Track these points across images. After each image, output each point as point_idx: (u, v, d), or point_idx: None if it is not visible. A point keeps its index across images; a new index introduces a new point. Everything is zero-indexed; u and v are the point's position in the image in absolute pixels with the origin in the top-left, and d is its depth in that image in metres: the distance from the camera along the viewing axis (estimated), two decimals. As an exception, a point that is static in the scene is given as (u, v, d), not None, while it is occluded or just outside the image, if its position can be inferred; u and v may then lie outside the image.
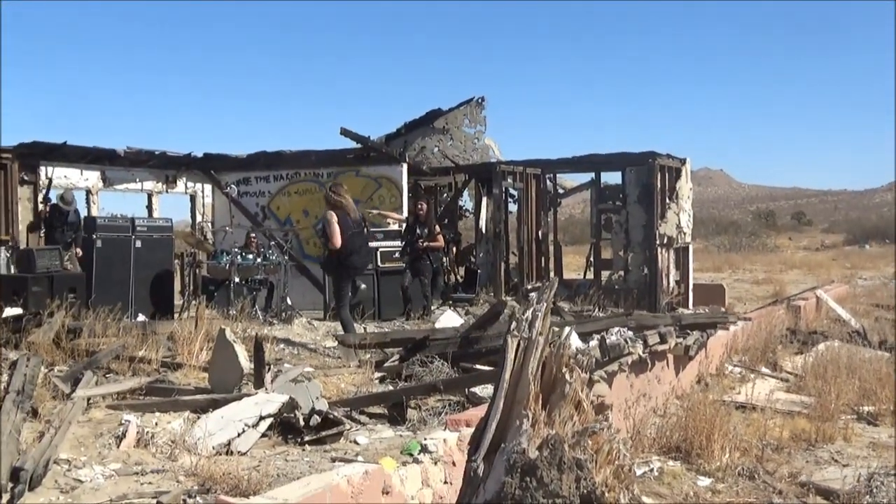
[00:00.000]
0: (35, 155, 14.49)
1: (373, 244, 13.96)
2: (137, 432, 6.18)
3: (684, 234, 17.38)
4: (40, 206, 13.66)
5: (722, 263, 32.84)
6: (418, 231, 14.26)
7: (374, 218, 16.07)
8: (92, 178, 15.59)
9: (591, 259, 18.39)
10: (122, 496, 5.03)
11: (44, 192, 14.43)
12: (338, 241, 10.79)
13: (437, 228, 14.73)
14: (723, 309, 16.04)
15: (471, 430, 4.27)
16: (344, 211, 10.99)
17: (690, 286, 17.78)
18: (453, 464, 5.60)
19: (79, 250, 13.35)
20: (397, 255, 14.42)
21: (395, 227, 15.14)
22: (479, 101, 21.46)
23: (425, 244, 14.17)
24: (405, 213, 15.56)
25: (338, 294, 11.22)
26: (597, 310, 15.14)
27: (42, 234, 14.10)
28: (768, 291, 21.86)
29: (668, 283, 16.81)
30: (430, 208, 14.60)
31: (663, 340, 9.45)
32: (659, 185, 16.43)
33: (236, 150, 23.06)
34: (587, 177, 18.46)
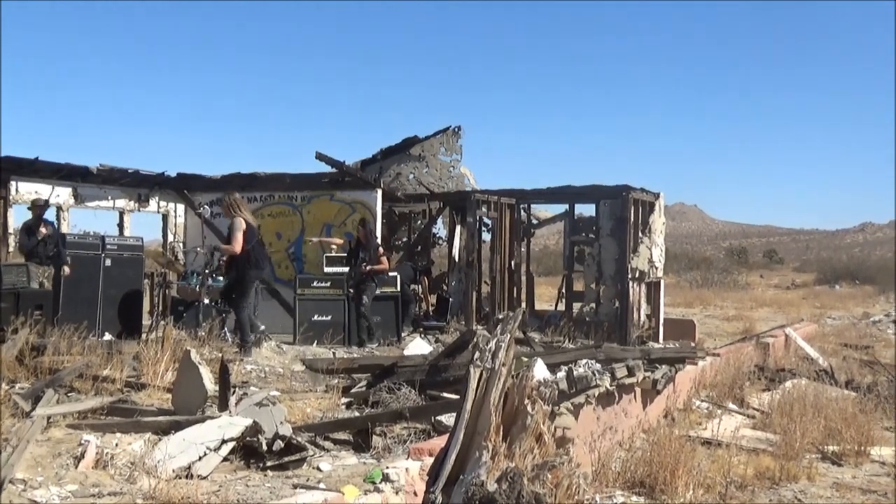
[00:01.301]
0: (6, 170, 14.35)
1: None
2: (97, 453, 6.09)
3: (656, 268, 17.45)
4: (42, 231, 13.30)
5: (693, 299, 32.95)
6: (361, 255, 14.17)
7: (313, 246, 16.09)
8: (63, 194, 15.46)
9: (564, 290, 18.41)
10: (77, 518, 4.95)
11: (39, 212, 13.96)
12: (239, 247, 11.52)
13: (381, 251, 14.63)
14: (693, 344, 16.07)
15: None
16: (245, 220, 11.68)
17: (661, 320, 17.83)
18: (415, 493, 5.55)
19: (66, 268, 12.97)
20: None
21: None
22: (456, 129, 21.52)
23: (369, 268, 14.08)
24: (379, 239, 15.51)
25: (245, 299, 11.79)
26: (567, 341, 15.15)
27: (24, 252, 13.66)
28: (738, 328, 21.92)
29: (639, 317, 16.85)
30: (369, 231, 14.48)
31: (631, 374, 9.42)
32: (632, 219, 16.50)
33: (210, 170, 23.00)
34: (561, 208, 18.52)
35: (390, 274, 15.16)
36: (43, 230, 13.40)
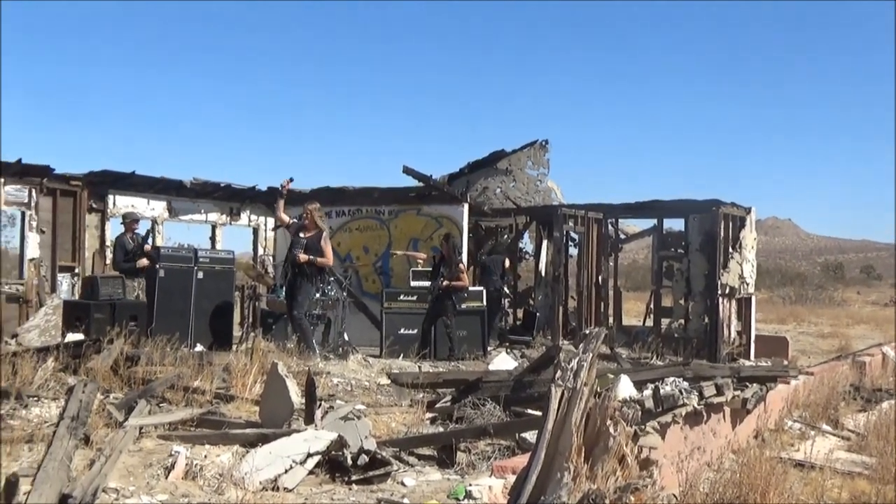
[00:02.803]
0: (104, 183, 14.84)
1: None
2: (186, 464, 6.20)
3: (747, 284, 17.12)
4: (131, 243, 13.70)
5: (787, 315, 32.24)
6: (442, 270, 14.16)
7: (399, 259, 16.13)
8: (158, 207, 15.87)
9: (652, 306, 18.17)
10: (167, 528, 5.05)
11: (143, 234, 14.40)
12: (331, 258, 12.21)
13: (462, 267, 14.55)
14: (785, 362, 15.72)
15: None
16: None
17: (752, 337, 17.47)
18: (498, 511, 5.53)
19: (145, 260, 13.44)
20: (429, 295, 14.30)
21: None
22: (543, 143, 21.48)
23: (445, 283, 14.05)
24: (465, 255, 15.53)
25: (305, 301, 12.17)
26: (655, 358, 14.95)
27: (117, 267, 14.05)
28: (833, 346, 21.38)
29: (729, 334, 16.54)
30: (452, 246, 14.37)
31: (720, 392, 9.25)
32: (722, 234, 16.22)
33: (299, 184, 23.36)
34: (650, 223, 18.33)
35: (474, 288, 15.15)
36: (130, 241, 13.79)
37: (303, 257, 12.01)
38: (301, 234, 12.35)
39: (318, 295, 13.14)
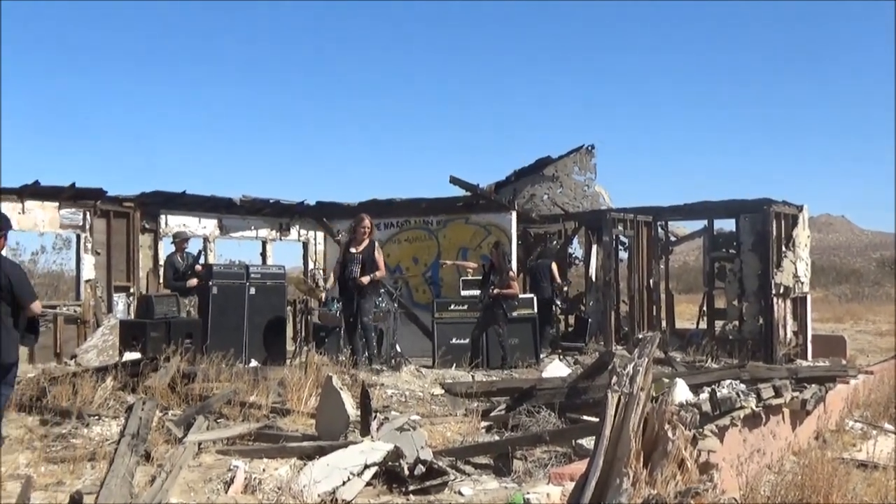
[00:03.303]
0: (156, 204, 15.05)
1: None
2: (245, 478, 6.27)
3: (802, 283, 16.89)
4: (198, 267, 13.95)
5: (843, 314, 31.72)
6: (492, 278, 14.11)
7: (448, 269, 16.14)
8: (209, 225, 16.06)
9: (705, 308, 17.99)
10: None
11: (196, 253, 14.74)
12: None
13: (512, 275, 14.46)
14: (844, 361, 15.49)
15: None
16: None
17: (809, 337, 17.23)
18: (557, 518, 5.51)
19: (199, 266, 13.85)
20: (479, 303, 14.27)
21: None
22: (589, 148, 21.40)
23: (496, 291, 14.00)
24: (514, 262, 15.52)
25: (371, 308, 12.63)
26: (710, 360, 14.81)
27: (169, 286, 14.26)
28: (892, 344, 20.99)
29: (785, 334, 16.33)
30: (502, 254, 14.31)
31: (778, 394, 9.16)
32: (774, 233, 16.03)
33: (347, 197, 23.51)
34: (700, 224, 18.17)
35: (525, 295, 15.12)
36: (181, 260, 14.01)
37: (364, 280, 12.35)
38: (352, 249, 12.44)
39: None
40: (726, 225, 17.31)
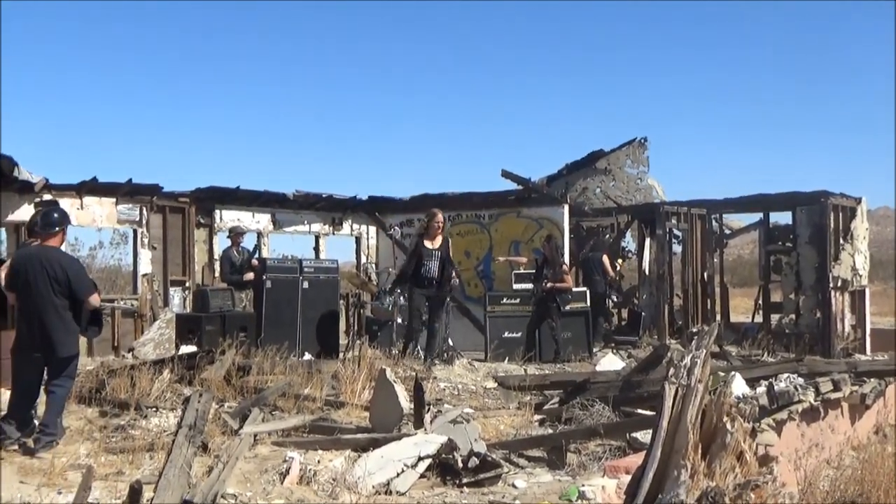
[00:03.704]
0: (210, 199, 15.21)
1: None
2: (300, 469, 6.31)
3: (860, 276, 16.62)
4: (254, 261, 14.11)
5: (903, 307, 31.09)
6: (545, 271, 14.05)
7: (500, 265, 16.11)
8: (263, 220, 16.19)
9: (760, 302, 17.77)
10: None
11: (251, 248, 14.98)
12: None
13: (566, 268, 14.38)
14: (904, 355, 15.21)
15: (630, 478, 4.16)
16: None
17: (867, 331, 16.95)
18: (612, 511, 5.48)
19: (254, 261, 14.04)
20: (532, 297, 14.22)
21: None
22: (642, 141, 21.23)
23: (549, 284, 13.90)
24: (567, 255, 15.44)
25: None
26: (766, 354, 14.64)
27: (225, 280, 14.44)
28: (953, 338, 20.52)
29: (843, 328, 16.08)
30: (554, 247, 14.20)
31: (837, 388, 9.03)
32: (832, 226, 15.80)
33: (400, 192, 23.59)
34: (755, 217, 17.95)
35: (578, 289, 15.03)
36: (237, 254, 14.16)
37: (455, 282, 13.02)
38: (427, 244, 12.37)
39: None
40: (782, 218, 17.10)
